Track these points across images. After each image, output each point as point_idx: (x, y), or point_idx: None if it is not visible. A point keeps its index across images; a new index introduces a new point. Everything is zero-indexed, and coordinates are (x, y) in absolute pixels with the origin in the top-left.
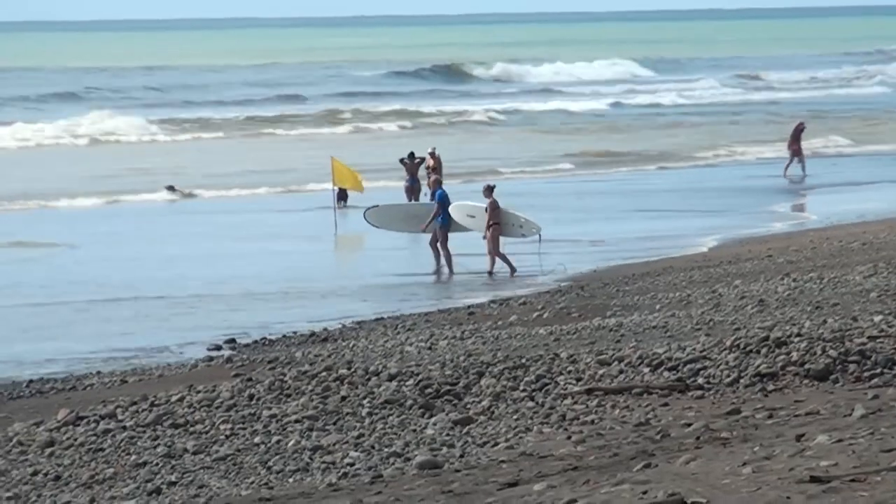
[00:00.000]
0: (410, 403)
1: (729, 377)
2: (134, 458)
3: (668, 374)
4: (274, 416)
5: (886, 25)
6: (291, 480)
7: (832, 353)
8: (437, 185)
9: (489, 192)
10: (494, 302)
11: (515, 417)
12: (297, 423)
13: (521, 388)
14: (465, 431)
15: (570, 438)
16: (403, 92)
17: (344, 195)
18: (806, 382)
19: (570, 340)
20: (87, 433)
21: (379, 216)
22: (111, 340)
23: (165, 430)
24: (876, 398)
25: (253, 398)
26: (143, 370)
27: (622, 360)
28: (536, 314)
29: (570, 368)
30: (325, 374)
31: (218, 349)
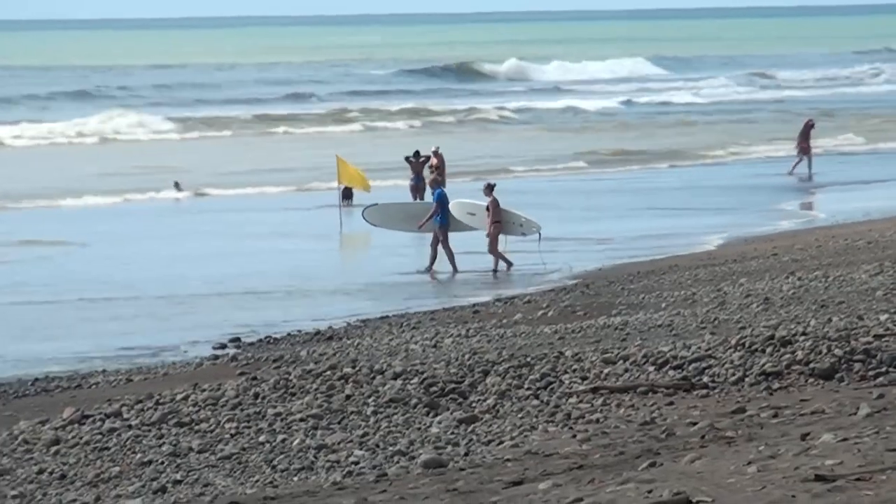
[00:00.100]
0: (415, 402)
1: (734, 376)
2: (139, 456)
3: (673, 372)
4: (279, 414)
5: (894, 24)
6: (296, 479)
7: (837, 351)
8: (435, 184)
9: (489, 190)
10: (499, 300)
11: (520, 416)
12: (301, 421)
13: (526, 386)
14: (469, 430)
15: (575, 437)
16: (414, 90)
17: (349, 193)
18: (811, 381)
19: (575, 339)
20: (92, 432)
21: (377, 215)
22: (116, 339)
23: (171, 428)
24: (881, 397)
25: (258, 397)
26: (148, 369)
27: (627, 358)
28: (541, 312)
29: (575, 367)
30: (329, 372)
31: (223, 348)
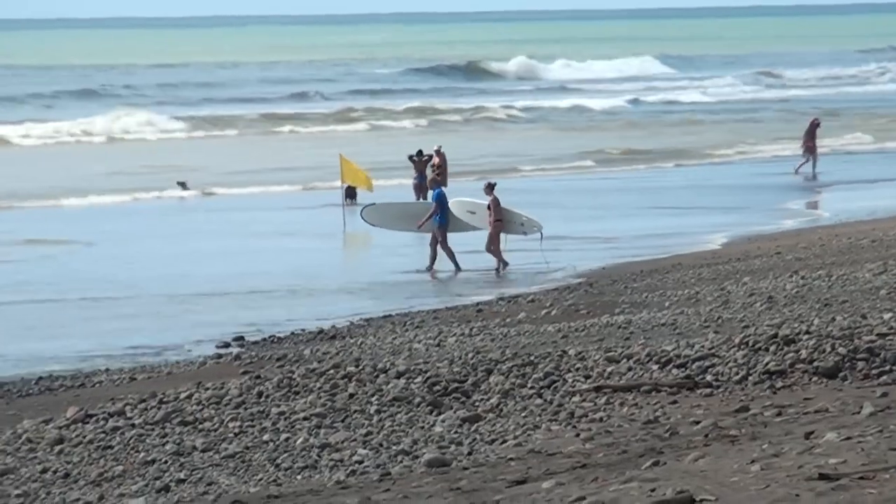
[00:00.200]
0: (419, 401)
1: (738, 375)
2: (143, 455)
3: (676, 371)
4: (282, 413)
5: None
6: (300, 478)
7: (841, 350)
8: (434, 183)
9: (490, 189)
10: (503, 299)
11: (524, 415)
12: (305, 420)
13: (529, 385)
14: (473, 429)
15: (578, 436)
16: (419, 89)
17: (353, 193)
18: (815, 380)
19: (578, 338)
20: (96, 430)
21: (376, 214)
22: (120, 338)
23: (174, 427)
24: (885, 396)
25: (261, 396)
26: (151, 368)
27: (631, 357)
28: (545, 311)
29: (578, 366)
30: (333, 371)
31: (226, 346)
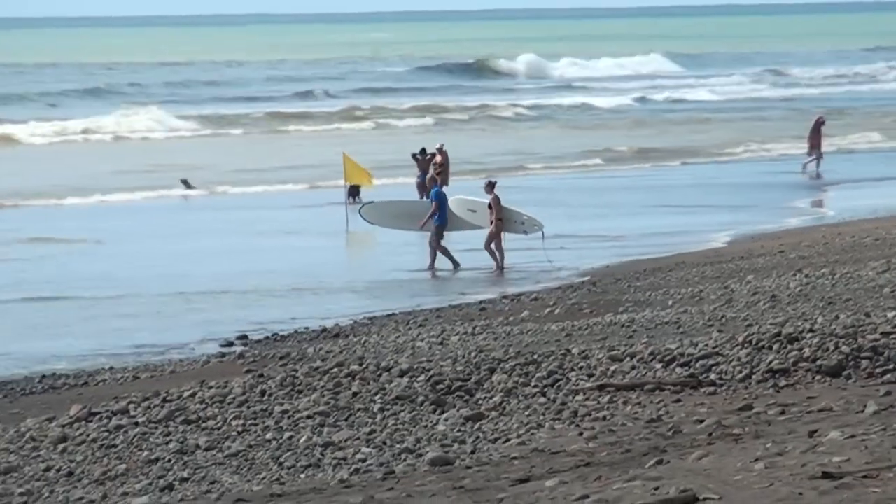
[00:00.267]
0: (422, 399)
1: (741, 373)
2: (146, 454)
3: (680, 370)
4: (286, 412)
5: None
6: (303, 476)
7: (845, 349)
8: (433, 182)
9: (490, 188)
10: (506, 298)
11: (527, 413)
12: (308, 419)
13: (532, 384)
14: (476, 427)
15: (581, 435)
16: (427, 87)
17: (356, 191)
18: (818, 378)
19: (581, 336)
20: (99, 429)
21: (374, 213)
22: (123, 336)
23: (178, 426)
24: (888, 394)
25: (265, 394)
26: (155, 366)
27: (634, 356)
28: (548, 310)
29: (581, 364)
30: (336, 370)
31: (230, 345)
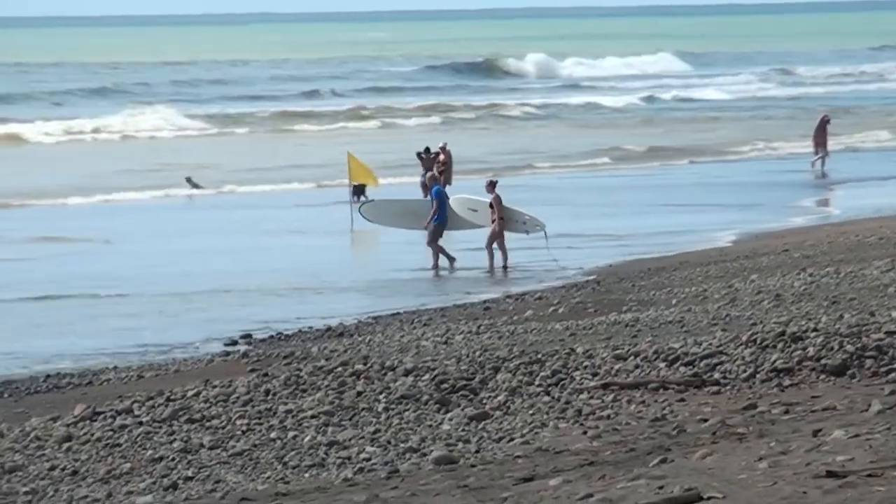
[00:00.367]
0: (426, 398)
1: (745, 372)
2: (150, 453)
3: (684, 369)
4: (290, 411)
5: None
6: (307, 475)
7: (849, 348)
8: (433, 181)
9: (492, 187)
10: (510, 297)
11: (531, 412)
12: (313, 418)
13: (536, 383)
14: (480, 426)
15: (585, 433)
16: (434, 87)
17: (361, 190)
18: (822, 377)
19: (585, 335)
20: (103, 428)
21: (374, 211)
22: (127, 335)
23: (182, 425)
24: (893, 393)
25: (269, 393)
26: (159, 365)
27: (638, 355)
28: (552, 309)
29: (585, 363)
30: (341, 369)
31: (234, 344)
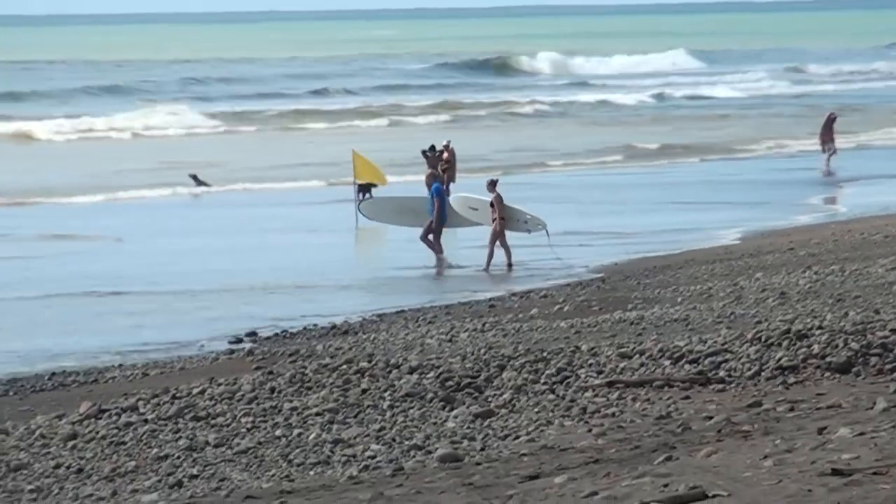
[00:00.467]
0: (431, 396)
1: (750, 370)
2: (156, 450)
3: (689, 366)
4: (295, 408)
5: None
6: (312, 473)
7: (854, 345)
8: (432, 179)
9: (492, 186)
10: (515, 295)
11: (536, 410)
12: (317, 415)
13: (542, 380)
14: (486, 424)
15: (591, 431)
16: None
17: (368, 189)
18: (827, 375)
19: (590, 333)
20: (108, 426)
21: (373, 209)
22: (132, 333)
23: (187, 422)
24: None
25: (274, 391)
26: (164, 363)
27: (643, 352)
28: (557, 307)
29: (591, 361)
30: (345, 366)
31: (239, 342)
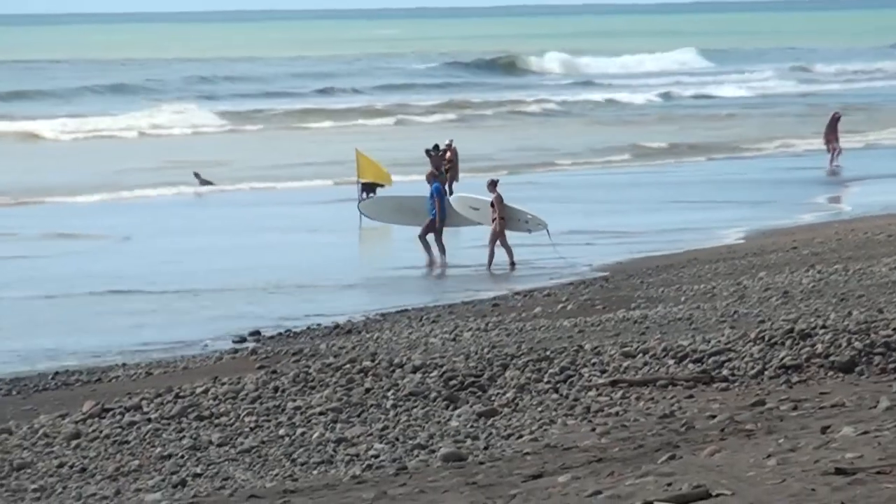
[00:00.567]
0: (435, 395)
1: (753, 369)
2: (159, 450)
3: (692, 366)
4: (298, 408)
5: None
6: (316, 472)
7: (857, 344)
8: (432, 177)
9: (493, 186)
10: (518, 294)
11: (540, 409)
12: (321, 415)
13: (545, 379)
14: (489, 423)
15: (594, 430)
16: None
17: (373, 188)
18: (831, 374)
19: (594, 332)
20: (112, 425)
21: (373, 208)
22: (136, 333)
23: (190, 422)
24: None
25: (277, 390)
26: (167, 362)
27: (647, 351)
28: (561, 306)
29: (594, 360)
30: (349, 366)
31: (242, 341)
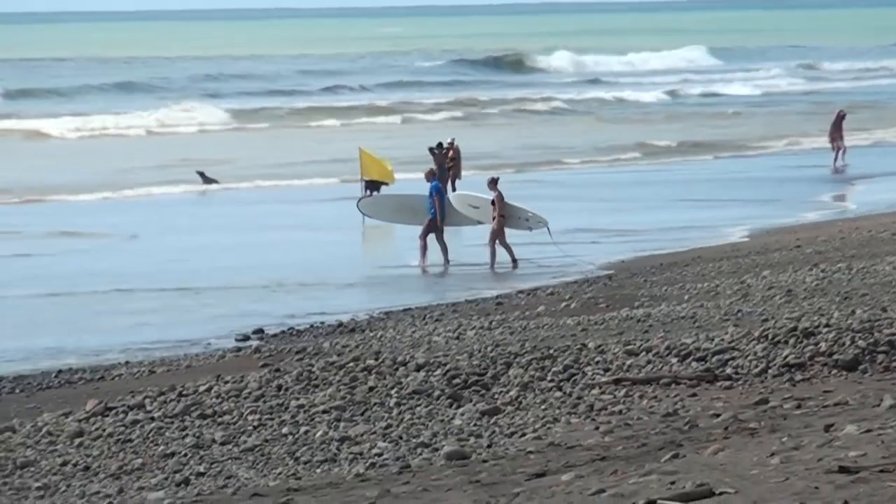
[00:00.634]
0: (438, 394)
1: (757, 367)
2: (162, 448)
3: (696, 364)
4: (302, 406)
5: None
6: (319, 471)
7: (861, 343)
8: (431, 175)
9: (493, 184)
10: (522, 292)
11: (543, 408)
12: (324, 413)
13: (548, 378)
14: (492, 422)
15: (597, 429)
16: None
17: (377, 186)
18: (834, 373)
19: (597, 331)
20: (115, 424)
21: (372, 207)
22: (139, 331)
23: (194, 420)
24: None
25: (281, 389)
26: (171, 361)
27: (650, 350)
28: (564, 304)
29: (597, 359)
30: (352, 364)
31: (246, 339)
